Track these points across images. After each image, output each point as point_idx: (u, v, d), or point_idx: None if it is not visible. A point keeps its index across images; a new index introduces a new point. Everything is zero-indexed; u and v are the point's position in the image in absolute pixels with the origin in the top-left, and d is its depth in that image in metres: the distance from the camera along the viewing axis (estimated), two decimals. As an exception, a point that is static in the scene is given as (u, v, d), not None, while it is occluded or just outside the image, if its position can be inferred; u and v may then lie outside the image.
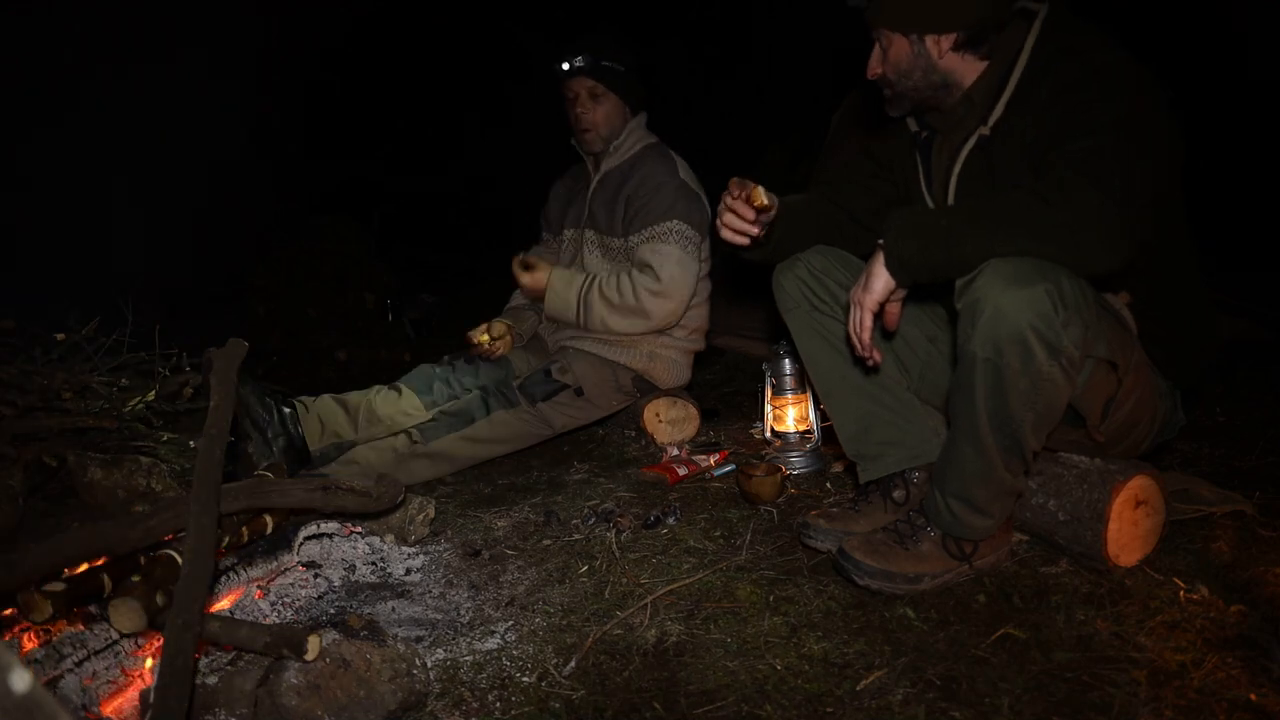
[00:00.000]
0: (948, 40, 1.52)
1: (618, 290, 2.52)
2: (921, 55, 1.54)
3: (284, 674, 1.19)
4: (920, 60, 1.54)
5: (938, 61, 1.54)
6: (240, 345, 1.69)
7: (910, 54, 1.54)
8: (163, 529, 1.41)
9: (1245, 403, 2.52)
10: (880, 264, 1.43)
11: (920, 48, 1.53)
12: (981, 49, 1.52)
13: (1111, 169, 1.29)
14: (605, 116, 2.61)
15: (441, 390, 2.59)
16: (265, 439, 2.24)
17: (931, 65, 1.54)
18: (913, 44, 1.54)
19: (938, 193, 1.68)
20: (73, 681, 1.22)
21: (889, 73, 1.58)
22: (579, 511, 2.05)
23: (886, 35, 1.56)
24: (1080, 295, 1.32)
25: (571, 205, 2.81)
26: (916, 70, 1.55)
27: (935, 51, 1.53)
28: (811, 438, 2.30)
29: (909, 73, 1.56)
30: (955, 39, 1.51)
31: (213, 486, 1.35)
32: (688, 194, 2.58)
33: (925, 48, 1.53)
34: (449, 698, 1.30)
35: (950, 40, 1.52)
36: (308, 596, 1.65)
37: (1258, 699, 1.16)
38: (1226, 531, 1.65)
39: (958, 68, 1.54)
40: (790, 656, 1.35)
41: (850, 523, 1.72)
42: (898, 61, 1.56)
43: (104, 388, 2.59)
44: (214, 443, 1.42)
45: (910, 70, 1.56)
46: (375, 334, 4.85)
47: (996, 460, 1.43)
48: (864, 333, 1.48)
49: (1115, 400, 1.51)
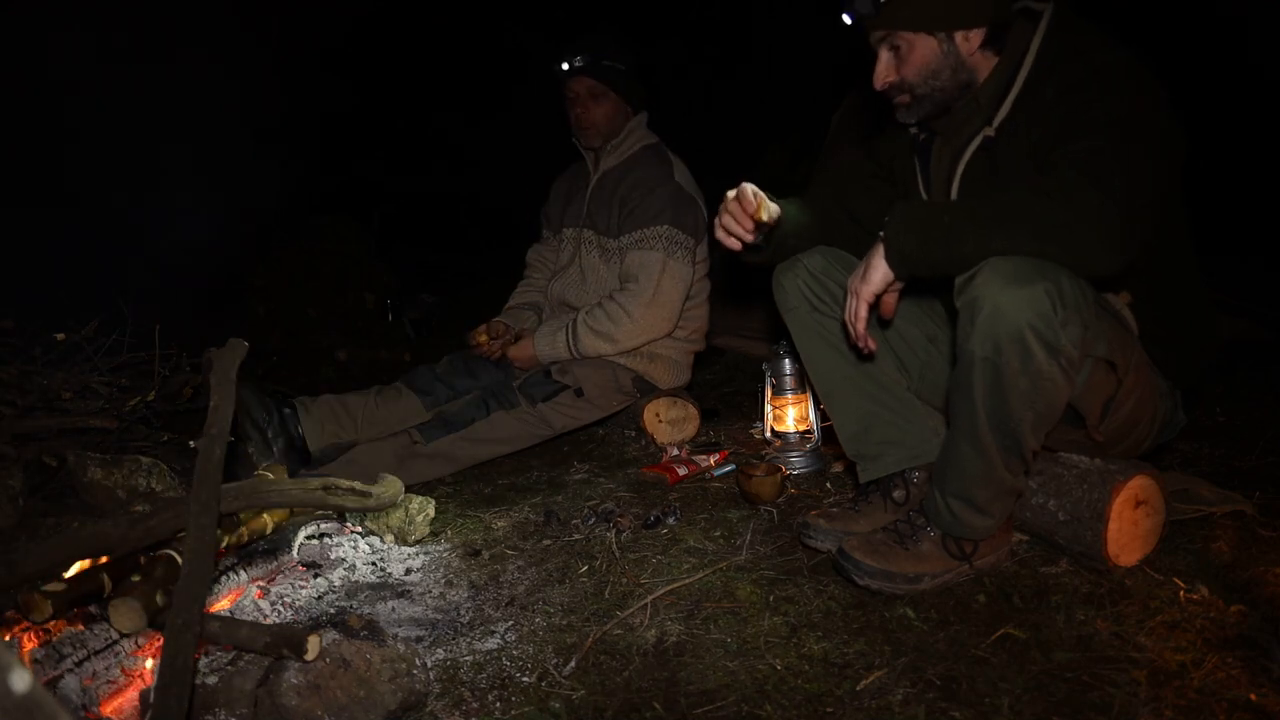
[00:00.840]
0: (977, 35, 1.49)
1: (608, 319, 2.51)
2: (951, 53, 1.51)
3: (284, 674, 1.19)
4: (950, 59, 1.51)
5: (967, 59, 1.51)
6: (240, 345, 1.69)
7: (939, 53, 1.51)
8: (163, 529, 1.41)
9: (1245, 403, 2.52)
10: (880, 256, 1.43)
11: (950, 45, 1.50)
12: (999, 44, 1.51)
13: (1113, 169, 1.29)
14: (606, 115, 2.61)
15: (441, 390, 2.59)
16: (265, 439, 2.24)
17: (961, 63, 1.51)
18: (941, 42, 1.50)
19: (937, 195, 1.67)
20: (73, 681, 1.22)
21: (911, 77, 1.53)
22: (579, 511, 2.05)
23: (906, 39, 1.51)
24: (1079, 295, 1.32)
25: (571, 204, 2.81)
26: (945, 70, 1.51)
27: (965, 48, 1.50)
28: (811, 438, 2.30)
29: (938, 72, 1.52)
30: (984, 33, 1.49)
31: (213, 486, 1.35)
32: (681, 197, 2.58)
33: (955, 45, 1.50)
34: (449, 698, 1.30)
35: (980, 35, 1.49)
36: (308, 596, 1.65)
37: (1258, 699, 1.16)
38: (1226, 531, 1.65)
39: (980, 65, 1.52)
40: (790, 656, 1.35)
41: (850, 523, 1.72)
42: (924, 63, 1.51)
43: (104, 388, 2.59)
44: (214, 443, 1.42)
45: (939, 70, 1.52)
46: (375, 334, 4.84)
47: (996, 460, 1.43)
48: (859, 322, 1.48)
49: (1115, 400, 1.51)
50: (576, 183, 2.82)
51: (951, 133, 1.62)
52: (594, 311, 2.54)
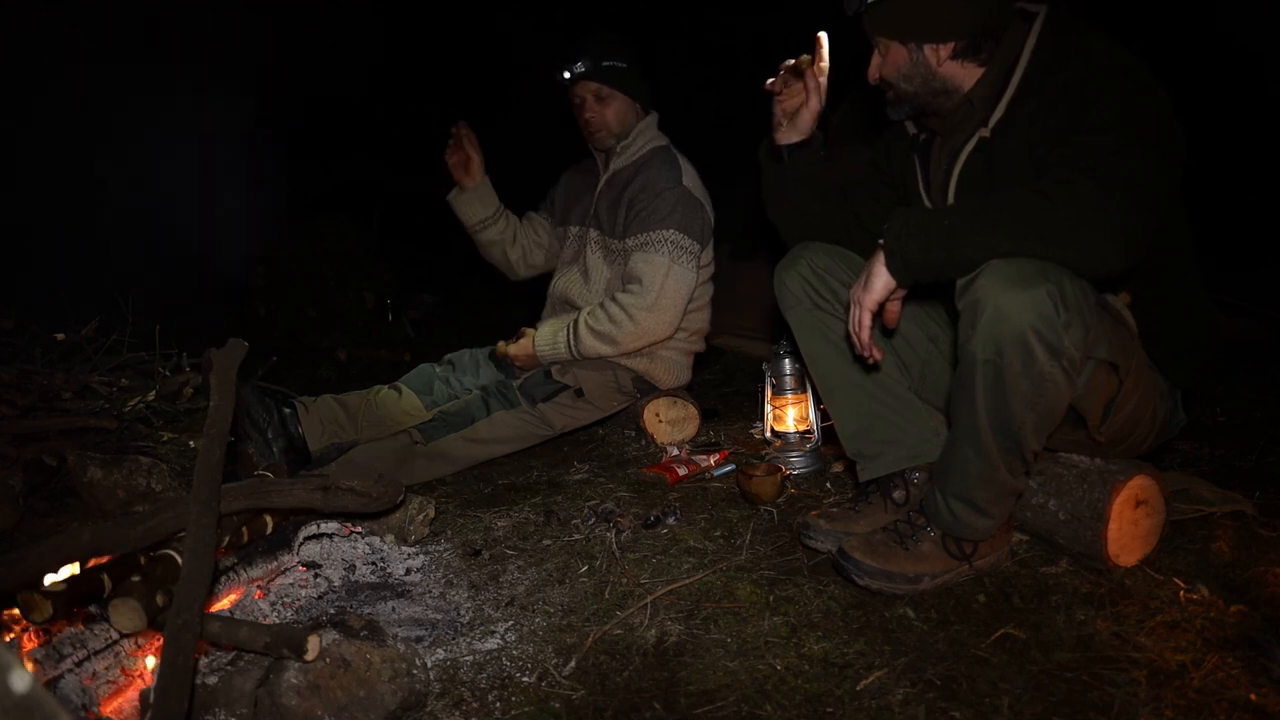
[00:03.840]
0: (946, 49, 1.53)
1: (609, 320, 2.51)
2: (920, 64, 1.55)
3: (284, 674, 1.19)
4: (919, 68, 1.55)
5: (936, 69, 1.55)
6: (240, 345, 1.69)
7: (909, 61, 1.55)
8: (163, 529, 1.41)
9: (1245, 403, 2.52)
10: (881, 263, 1.42)
11: (919, 56, 1.54)
12: (980, 55, 1.53)
13: (1114, 169, 1.29)
14: (616, 115, 2.61)
15: (441, 390, 2.59)
16: (265, 439, 2.24)
17: (931, 73, 1.55)
18: (911, 52, 1.55)
19: (936, 196, 1.67)
20: (73, 681, 1.22)
21: (889, 76, 1.59)
22: (579, 511, 2.05)
23: (884, 42, 1.57)
24: (1082, 296, 1.31)
25: (579, 202, 2.80)
26: (916, 77, 1.56)
27: (934, 60, 1.54)
28: (811, 438, 2.30)
29: (909, 77, 1.57)
30: (954, 48, 1.52)
31: (213, 486, 1.35)
32: (688, 202, 2.57)
33: (924, 56, 1.54)
34: (449, 698, 1.30)
35: (949, 49, 1.53)
36: (308, 596, 1.65)
37: (1258, 699, 1.16)
38: (1226, 531, 1.65)
39: (956, 74, 1.55)
40: (790, 656, 1.35)
41: (850, 523, 1.72)
42: (897, 67, 1.57)
43: (104, 388, 2.59)
44: (214, 443, 1.42)
45: (910, 75, 1.57)
46: (375, 334, 4.84)
47: (998, 461, 1.43)
48: (863, 331, 1.48)
49: (1116, 401, 1.51)
50: (585, 180, 2.82)
51: (949, 134, 1.63)
52: (595, 312, 2.54)
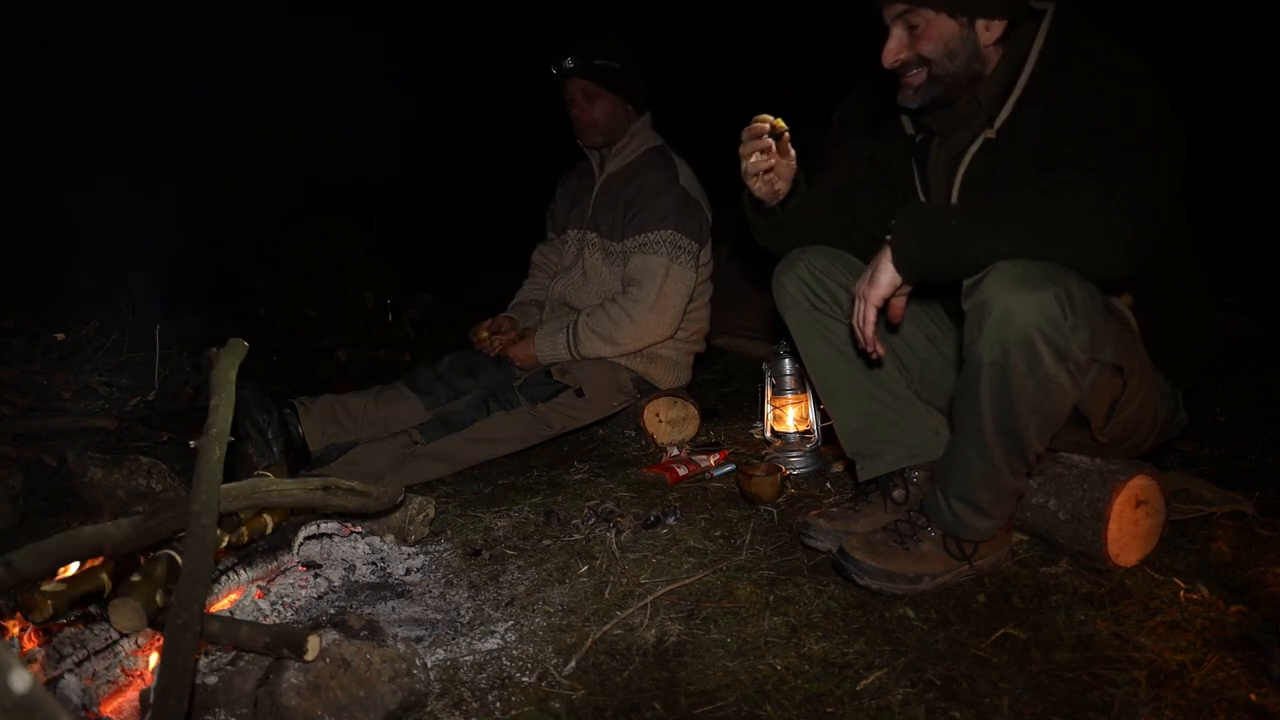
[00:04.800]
0: (998, 27, 1.48)
1: (609, 321, 2.51)
2: (970, 40, 1.48)
3: (284, 674, 1.19)
4: (968, 45, 1.49)
5: (983, 49, 1.49)
6: (240, 345, 1.70)
7: (959, 37, 1.48)
8: (163, 529, 1.40)
9: (1245, 403, 2.52)
10: (887, 260, 1.42)
11: (969, 32, 1.48)
12: (1010, 41, 1.50)
13: (1118, 170, 1.29)
14: (604, 114, 2.62)
15: (442, 390, 2.59)
16: (265, 439, 2.24)
17: (977, 52, 1.49)
18: (962, 27, 1.48)
19: (936, 197, 1.66)
20: (73, 681, 1.21)
21: (929, 53, 1.50)
22: (579, 511, 2.05)
23: (925, 16, 1.48)
24: (1088, 299, 1.31)
25: (576, 206, 2.81)
26: (962, 54, 1.49)
27: (985, 38, 1.48)
28: (811, 438, 2.30)
29: (955, 54, 1.49)
30: (1005, 27, 1.47)
31: (213, 486, 1.35)
32: (686, 202, 2.58)
33: (975, 32, 1.48)
34: (449, 698, 1.30)
35: (1000, 28, 1.48)
36: (308, 596, 1.65)
37: (1258, 699, 1.16)
38: (1226, 531, 1.65)
39: (992, 59, 1.51)
40: (790, 656, 1.35)
41: (850, 522, 1.72)
42: (945, 42, 1.48)
43: (104, 388, 2.59)
44: (214, 443, 1.42)
45: (957, 51, 1.49)
46: (375, 334, 4.84)
47: (1000, 463, 1.42)
48: (867, 326, 1.48)
49: (1120, 402, 1.51)
50: (582, 184, 2.82)
51: (949, 133, 1.61)
52: (595, 313, 2.54)
